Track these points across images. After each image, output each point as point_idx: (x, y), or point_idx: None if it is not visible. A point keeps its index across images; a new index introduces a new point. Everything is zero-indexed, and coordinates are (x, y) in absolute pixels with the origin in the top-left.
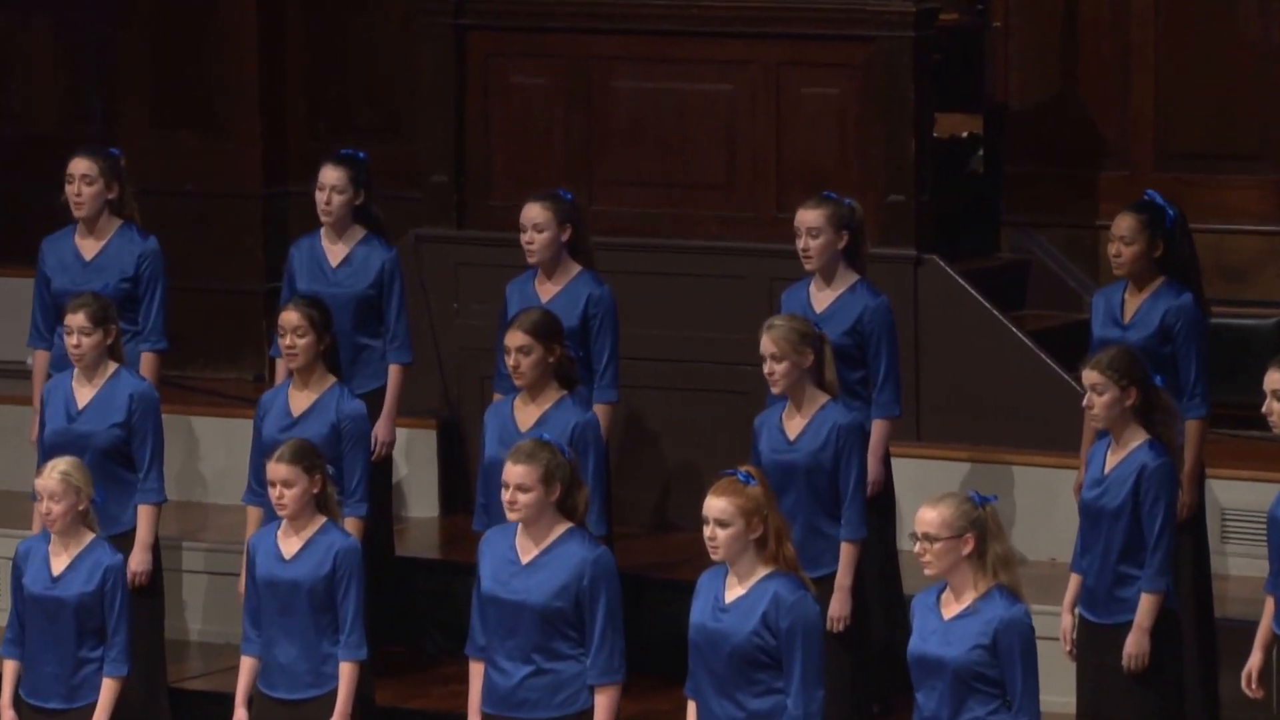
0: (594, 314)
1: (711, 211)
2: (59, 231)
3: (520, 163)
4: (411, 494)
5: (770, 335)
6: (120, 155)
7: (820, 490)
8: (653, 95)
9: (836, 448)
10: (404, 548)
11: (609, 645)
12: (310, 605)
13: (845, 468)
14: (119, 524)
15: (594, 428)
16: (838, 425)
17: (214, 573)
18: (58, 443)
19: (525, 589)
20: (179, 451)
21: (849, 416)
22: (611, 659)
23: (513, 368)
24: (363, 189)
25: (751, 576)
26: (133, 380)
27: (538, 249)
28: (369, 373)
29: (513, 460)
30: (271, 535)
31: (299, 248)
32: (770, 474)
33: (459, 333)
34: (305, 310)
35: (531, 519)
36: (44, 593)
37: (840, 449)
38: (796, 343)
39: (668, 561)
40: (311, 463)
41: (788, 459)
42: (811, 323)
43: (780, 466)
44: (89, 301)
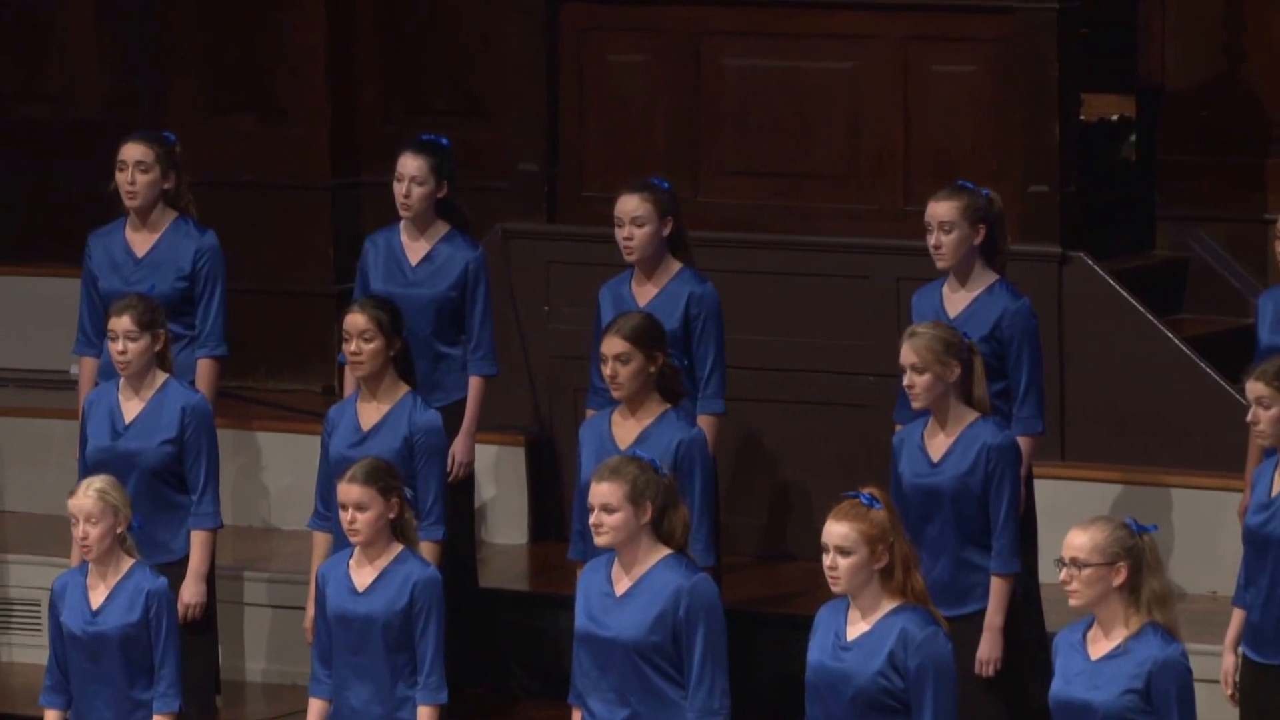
0: (696, 315)
1: (831, 204)
2: (107, 225)
3: (618, 150)
4: (497, 519)
5: (912, 344)
6: (176, 142)
7: (968, 518)
8: (765, 74)
9: (986, 471)
10: (488, 578)
11: (709, 682)
12: (385, 643)
13: (996, 493)
14: (170, 552)
15: (700, 445)
16: (988, 446)
17: (277, 606)
18: (101, 461)
19: (618, 624)
20: (237, 471)
21: (1000, 436)
22: (711, 698)
23: (610, 378)
24: (445, 179)
25: (876, 610)
26: (184, 392)
27: (637, 246)
28: (449, 384)
29: (598, 478)
30: (343, 565)
31: (375, 243)
32: (912, 500)
33: (550, 339)
34: (372, 312)
35: (621, 544)
36: (84, 629)
37: (991, 472)
38: (941, 353)
39: (782, 594)
40: (387, 484)
41: (931, 483)
42: (960, 332)
43: (923, 491)
44: (134, 303)
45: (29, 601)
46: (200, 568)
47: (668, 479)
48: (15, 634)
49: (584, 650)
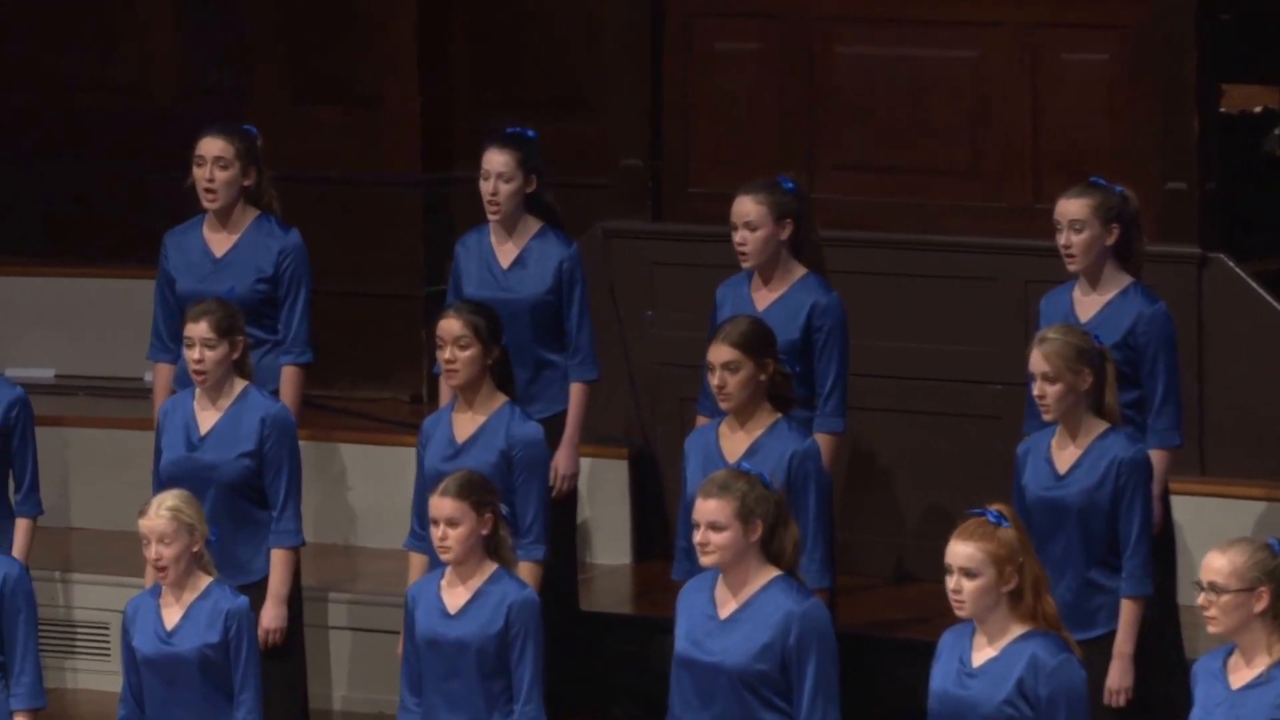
0: (819, 326)
1: (955, 201)
2: (185, 224)
3: (727, 144)
4: (599, 537)
5: (1042, 351)
6: (258, 136)
7: (1095, 535)
8: (883, 63)
9: (1116, 485)
10: (590, 600)
11: (820, 715)
12: (479, 668)
13: (1127, 510)
14: (249, 572)
15: (814, 458)
16: (1119, 459)
17: (364, 629)
18: (176, 475)
19: (722, 649)
20: (321, 485)
21: (1132, 449)
22: None
23: (718, 387)
24: (534, 174)
25: (1004, 636)
26: (265, 401)
27: (752, 251)
28: (551, 395)
29: (704, 494)
30: (434, 585)
31: (465, 247)
32: (1036, 514)
33: (654, 345)
34: (468, 317)
35: (728, 564)
36: (158, 652)
37: (1121, 487)
38: (1073, 360)
39: (903, 618)
40: (481, 498)
41: (1057, 497)
42: (1093, 337)
43: (1048, 505)
44: (212, 308)
45: (96, 624)
46: (281, 589)
47: (778, 495)
48: (81, 659)
49: (685, 675)
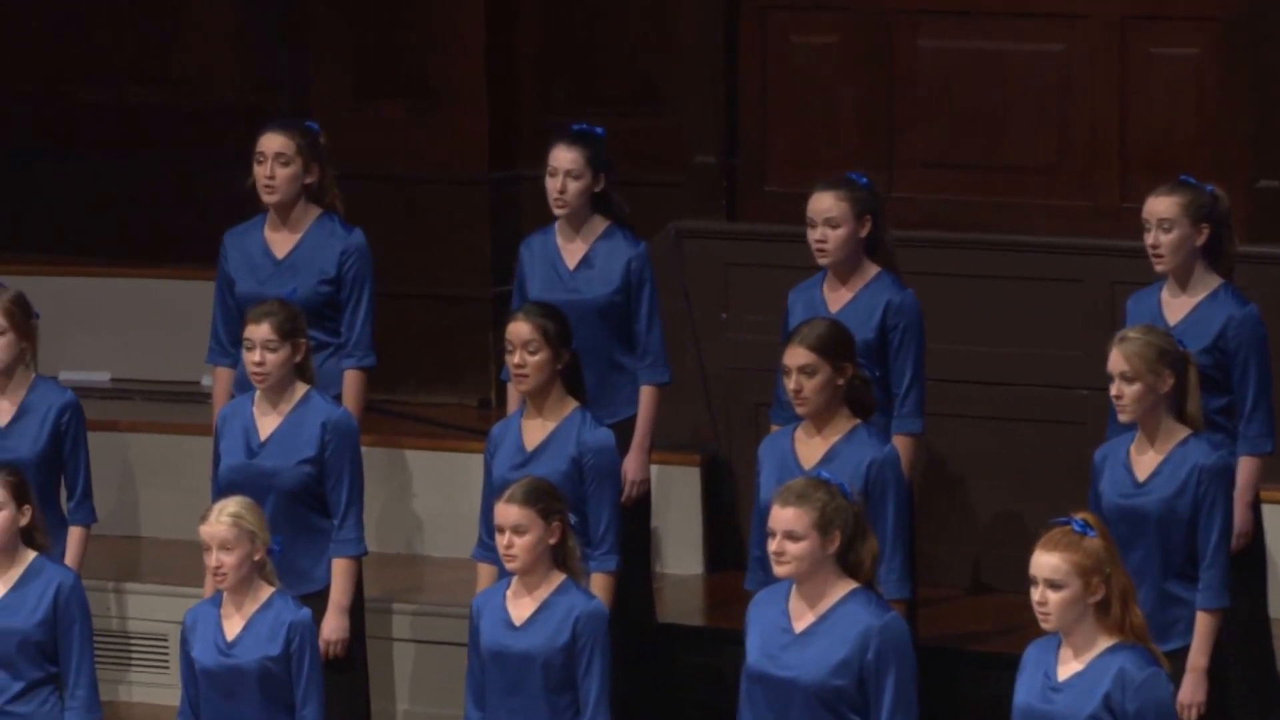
0: (894, 325)
1: (1039, 200)
2: (245, 223)
3: (804, 141)
4: (670, 546)
5: (1121, 350)
6: (321, 133)
7: (1174, 545)
8: (966, 57)
9: (1197, 494)
10: (663, 611)
11: None
12: (545, 682)
13: (1207, 519)
14: (310, 582)
15: (894, 464)
16: (1199, 466)
17: (429, 641)
18: (235, 481)
19: (797, 663)
20: (384, 493)
21: (1214, 456)
22: None
23: (794, 392)
24: (602, 172)
25: (1090, 649)
26: (326, 406)
27: (832, 248)
28: (622, 399)
29: (781, 502)
30: (499, 596)
31: (530, 248)
32: (1113, 522)
33: (728, 349)
34: (538, 320)
35: (804, 575)
36: (218, 663)
37: (1201, 496)
38: (1154, 361)
39: (985, 631)
40: (549, 506)
41: (1135, 504)
42: (1174, 338)
43: (1126, 513)
44: (274, 309)
45: (154, 636)
46: (342, 599)
47: (857, 505)
48: (137, 671)
49: (757, 690)
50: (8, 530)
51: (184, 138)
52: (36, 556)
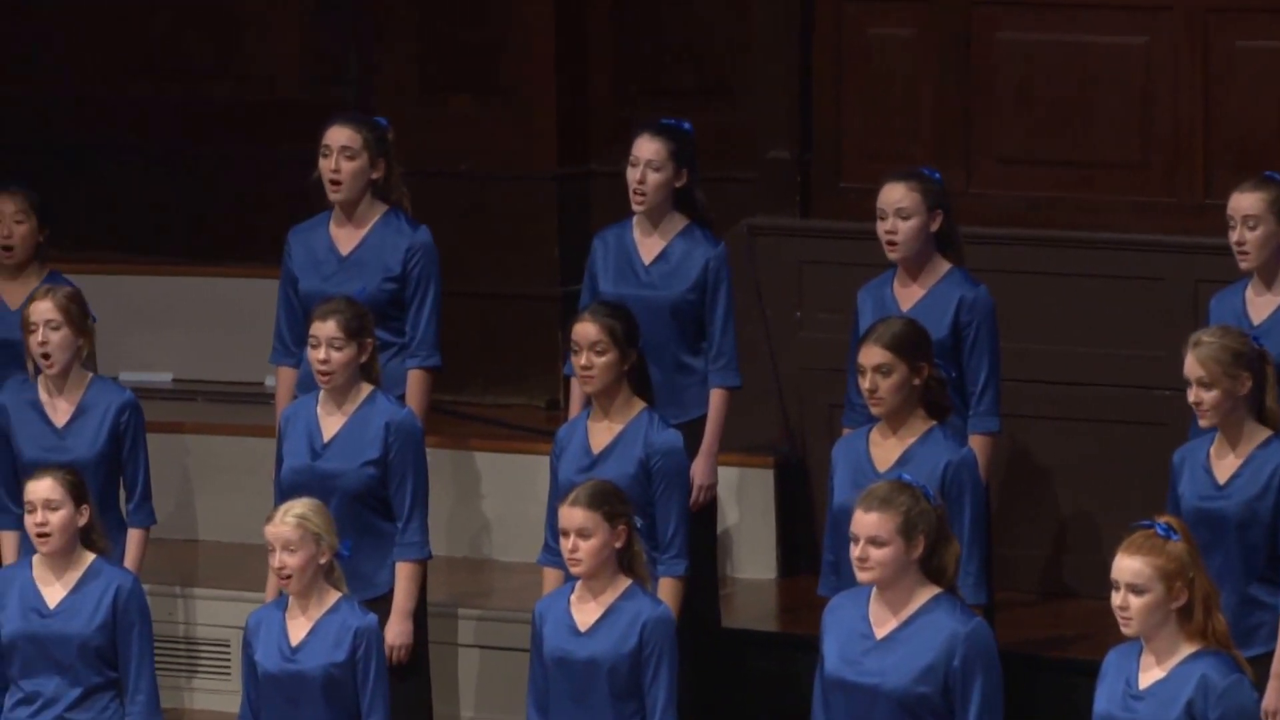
0: (968, 322)
1: (1120, 196)
2: (309, 220)
3: (880, 135)
4: (742, 550)
5: (1196, 355)
6: (389, 128)
7: (1255, 549)
8: (1046, 50)
9: (1279, 496)
10: (735, 617)
11: None
12: (611, 689)
13: None
14: (373, 586)
15: (971, 467)
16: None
17: (494, 647)
18: (298, 483)
19: (880, 670)
20: (450, 495)
21: None
22: None
23: (868, 392)
24: (685, 167)
25: (1173, 655)
26: (390, 407)
27: (903, 240)
28: (690, 399)
29: (863, 507)
30: (563, 601)
31: (604, 241)
32: (1194, 526)
33: (801, 349)
34: (605, 321)
35: (887, 581)
36: (281, 668)
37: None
38: (1230, 364)
39: (1064, 636)
40: (614, 509)
41: (1216, 507)
42: (1250, 338)
43: (1206, 516)
44: (341, 308)
45: (217, 641)
46: (407, 604)
47: (940, 509)
48: (201, 678)
49: (837, 697)
50: (65, 531)
51: (249, 133)
52: (95, 558)
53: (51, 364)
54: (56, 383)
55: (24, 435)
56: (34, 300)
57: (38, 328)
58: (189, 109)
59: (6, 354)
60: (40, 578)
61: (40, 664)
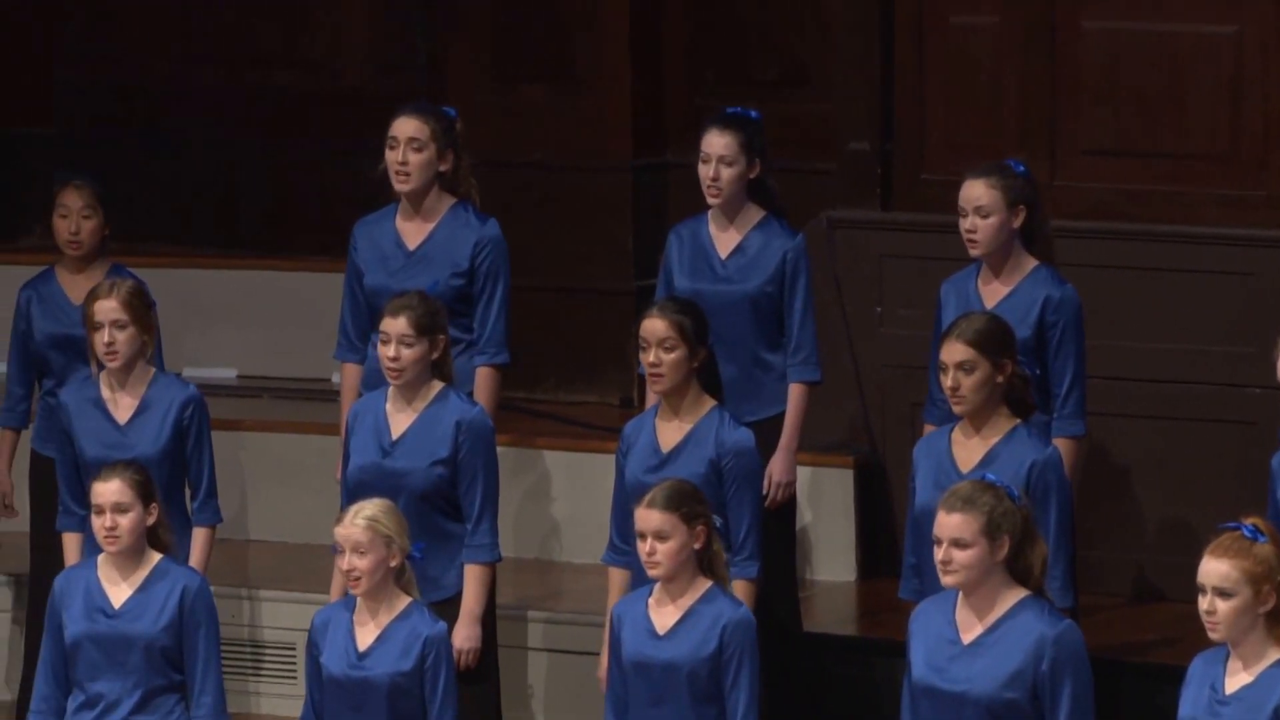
0: (1054, 322)
1: (1209, 189)
2: (376, 213)
3: (963, 126)
4: (821, 551)
5: None
6: (457, 118)
7: None
8: (1134, 39)
9: None
10: (811, 620)
11: None
12: (691, 693)
13: None
14: (441, 588)
15: (1056, 466)
16: None
17: (564, 651)
18: (365, 482)
19: (968, 676)
20: (520, 496)
21: None
22: None
23: (950, 389)
24: (757, 157)
25: (1260, 660)
26: (461, 405)
27: (983, 239)
28: (767, 395)
29: (946, 508)
30: (641, 604)
31: (679, 235)
32: None
33: (882, 345)
34: (673, 317)
35: (972, 584)
36: (347, 673)
37: None
38: None
39: (1150, 640)
40: (692, 509)
41: None
42: None
43: None
44: (413, 303)
45: (282, 644)
46: (475, 607)
47: (1026, 509)
48: (267, 682)
49: (924, 704)
50: (134, 531)
51: (314, 122)
52: (162, 558)
53: (116, 361)
54: (119, 378)
55: (86, 433)
56: (97, 297)
57: (103, 326)
58: (254, 98)
59: (70, 350)
60: (105, 577)
61: (104, 666)
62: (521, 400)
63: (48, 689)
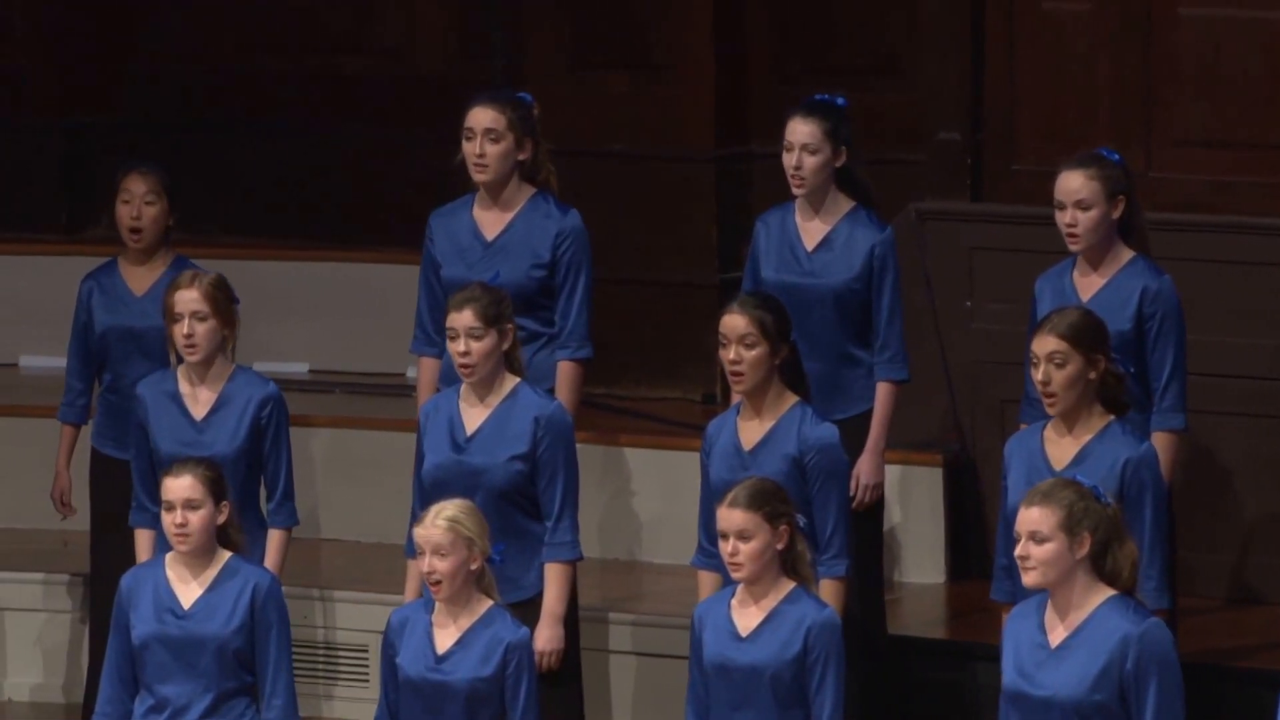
0: (1152, 314)
1: None
2: (452, 202)
3: (1055, 115)
4: (909, 552)
5: None
6: (534, 105)
7: None
8: (1230, 26)
9: None
10: (901, 623)
11: None
12: (774, 696)
13: None
14: (520, 589)
15: (1152, 464)
16: None
17: (649, 654)
18: (440, 479)
19: (1054, 681)
20: (602, 494)
21: None
22: None
23: (1041, 384)
24: (844, 146)
25: None
26: (538, 400)
27: (1083, 232)
28: (854, 392)
29: (1027, 503)
30: (723, 605)
31: (766, 225)
32: None
33: (973, 340)
34: (754, 313)
35: (1053, 583)
36: (425, 676)
37: None
38: None
39: (1250, 646)
40: (775, 509)
41: None
42: None
43: None
44: (477, 295)
45: (356, 647)
46: (557, 607)
47: (1112, 509)
48: (342, 685)
49: (1013, 712)
50: (205, 530)
51: (389, 110)
52: (232, 556)
53: (195, 354)
54: (198, 373)
55: (161, 428)
56: (179, 287)
57: (183, 317)
58: (325, 84)
59: (131, 343)
60: (175, 576)
61: (173, 668)
62: (601, 396)
63: (113, 690)
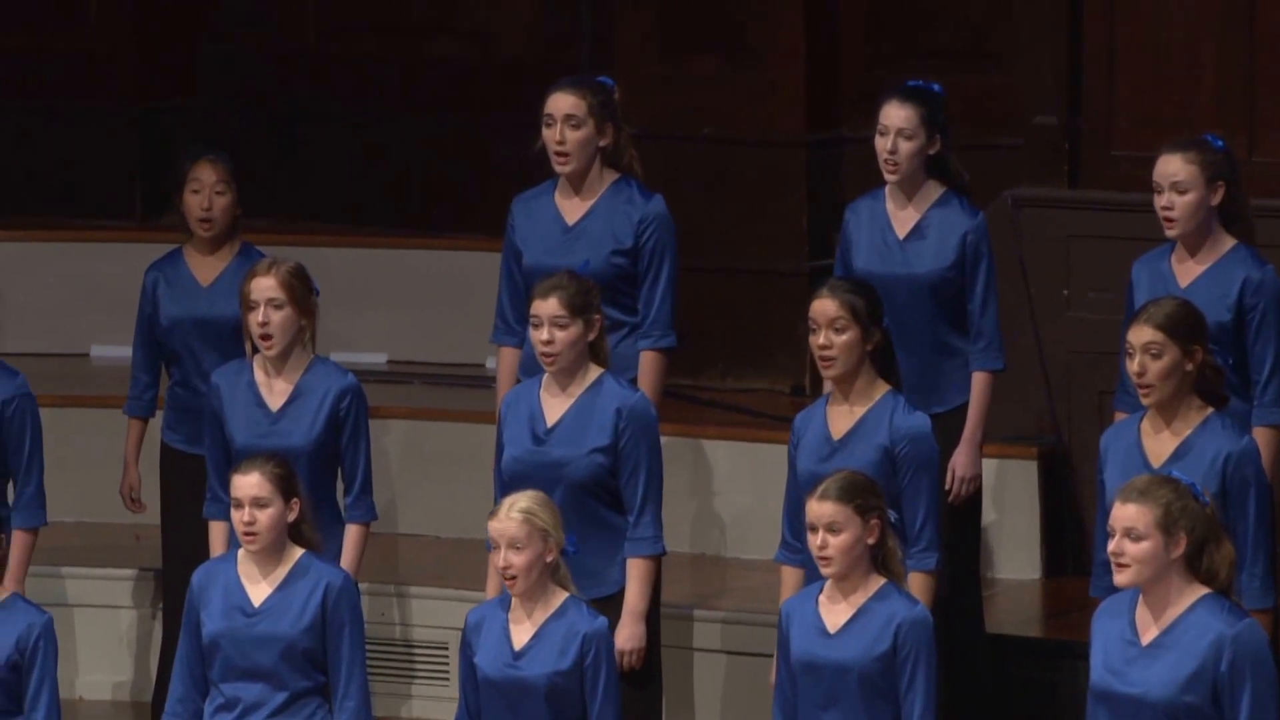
0: (1253, 305)
1: None
2: (534, 188)
3: (1155, 100)
4: (1004, 548)
5: None
6: (615, 88)
7: None
8: None
9: None
10: (995, 620)
11: None
12: (862, 695)
13: None
14: (603, 584)
15: (1253, 459)
16: None
17: (735, 652)
18: (520, 472)
19: (1145, 680)
20: (687, 487)
21: None
22: None
23: (1137, 375)
24: (938, 133)
25: None
26: (621, 391)
27: (1180, 216)
28: (951, 384)
29: (1123, 498)
30: (811, 601)
31: (857, 213)
32: None
33: (1070, 329)
34: (844, 297)
35: (1147, 581)
36: (502, 675)
37: None
38: None
39: None
40: (866, 502)
41: None
42: None
43: None
44: (564, 283)
45: (435, 644)
46: (639, 604)
47: (1210, 508)
48: (420, 684)
49: (1102, 710)
50: (273, 528)
51: (472, 95)
52: (304, 554)
53: (271, 345)
54: (275, 364)
55: (236, 419)
56: (255, 274)
57: (259, 305)
58: (407, 68)
59: (199, 333)
60: (246, 574)
61: (243, 667)
62: (686, 387)
63: (184, 689)
